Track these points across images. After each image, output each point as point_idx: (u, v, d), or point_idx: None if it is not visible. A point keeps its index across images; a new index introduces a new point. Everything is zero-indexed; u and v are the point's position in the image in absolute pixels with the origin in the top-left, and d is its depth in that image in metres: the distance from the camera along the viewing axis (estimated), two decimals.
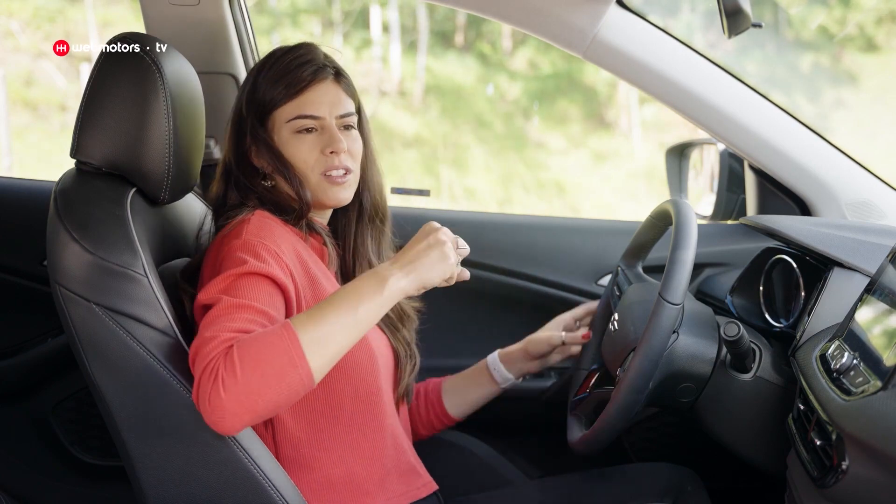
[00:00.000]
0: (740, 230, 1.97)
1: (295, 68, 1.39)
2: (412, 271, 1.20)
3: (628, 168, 8.06)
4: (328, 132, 1.39)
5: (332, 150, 1.38)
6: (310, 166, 1.38)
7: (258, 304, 1.19)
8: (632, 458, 2.02)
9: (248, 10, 2.04)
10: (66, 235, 1.21)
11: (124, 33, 1.33)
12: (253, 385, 1.09)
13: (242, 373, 1.09)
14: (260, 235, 1.27)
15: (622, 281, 1.65)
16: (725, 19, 1.45)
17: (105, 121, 1.28)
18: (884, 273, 1.21)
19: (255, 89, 1.41)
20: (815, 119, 7.51)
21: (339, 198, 1.40)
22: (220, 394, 1.08)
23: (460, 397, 1.67)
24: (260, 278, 1.22)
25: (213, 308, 1.18)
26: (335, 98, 1.40)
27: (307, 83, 1.38)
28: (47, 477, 2.06)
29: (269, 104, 1.39)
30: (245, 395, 1.08)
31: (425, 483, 1.50)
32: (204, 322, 1.18)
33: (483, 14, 1.79)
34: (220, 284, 1.21)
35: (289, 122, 1.38)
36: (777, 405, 1.39)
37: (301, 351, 1.11)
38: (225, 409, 1.09)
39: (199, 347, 1.14)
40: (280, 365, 1.10)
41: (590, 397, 1.54)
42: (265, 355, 1.10)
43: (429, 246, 1.22)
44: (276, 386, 1.10)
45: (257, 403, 1.10)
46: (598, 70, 2.06)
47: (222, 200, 1.42)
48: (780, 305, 1.58)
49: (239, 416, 1.10)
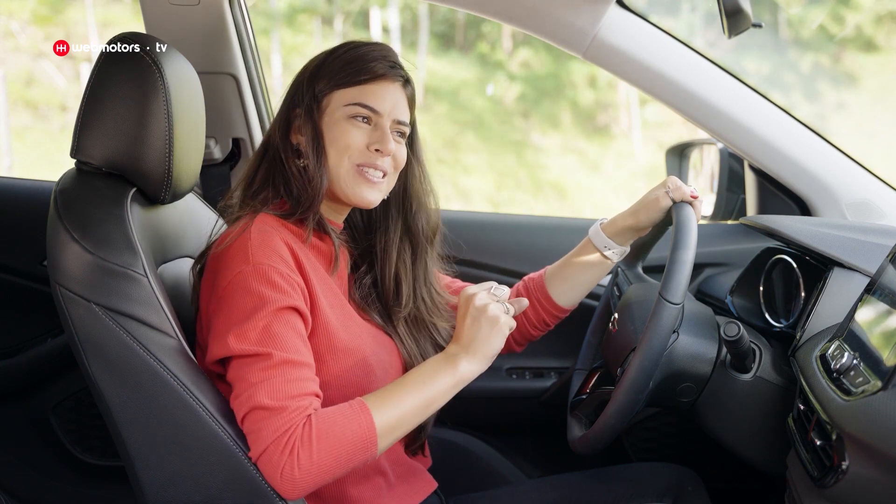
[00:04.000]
0: (740, 230, 1.97)
1: (371, 59, 1.36)
2: (477, 351, 1.27)
3: (629, 168, 8.06)
4: (381, 130, 1.34)
5: (379, 147, 1.33)
6: (349, 153, 1.33)
7: (301, 357, 1.20)
8: (632, 458, 2.02)
9: (248, 10, 2.05)
10: (66, 235, 1.21)
11: (124, 33, 1.32)
12: (326, 465, 1.16)
13: (318, 453, 1.15)
14: (267, 255, 1.24)
15: (622, 281, 1.65)
16: (725, 19, 1.45)
17: (105, 121, 1.28)
18: (884, 273, 1.21)
19: (321, 66, 1.37)
20: (815, 119, 7.51)
21: (366, 198, 1.35)
22: (295, 471, 1.14)
23: (569, 284, 1.56)
24: (287, 314, 1.21)
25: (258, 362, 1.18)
26: (398, 101, 1.37)
27: (378, 75, 1.35)
28: (47, 477, 2.06)
29: (335, 82, 1.35)
30: (318, 473, 1.15)
31: (425, 483, 1.50)
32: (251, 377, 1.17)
33: (483, 14, 1.79)
34: (252, 333, 1.19)
35: (347, 105, 1.34)
36: (777, 405, 1.39)
37: (375, 437, 1.18)
38: (296, 483, 1.15)
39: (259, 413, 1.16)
40: (353, 449, 1.17)
41: (590, 397, 1.54)
42: (341, 438, 1.16)
43: (478, 322, 1.27)
44: (345, 465, 1.17)
45: (325, 478, 1.17)
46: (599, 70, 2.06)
47: (253, 174, 1.38)
48: (780, 305, 1.58)
49: (307, 488, 1.16)
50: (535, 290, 1.58)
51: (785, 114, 1.78)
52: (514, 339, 1.61)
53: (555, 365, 2.02)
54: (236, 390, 1.19)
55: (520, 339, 1.60)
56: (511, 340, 1.60)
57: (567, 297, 1.57)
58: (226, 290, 1.22)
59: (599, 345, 1.65)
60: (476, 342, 1.26)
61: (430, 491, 1.50)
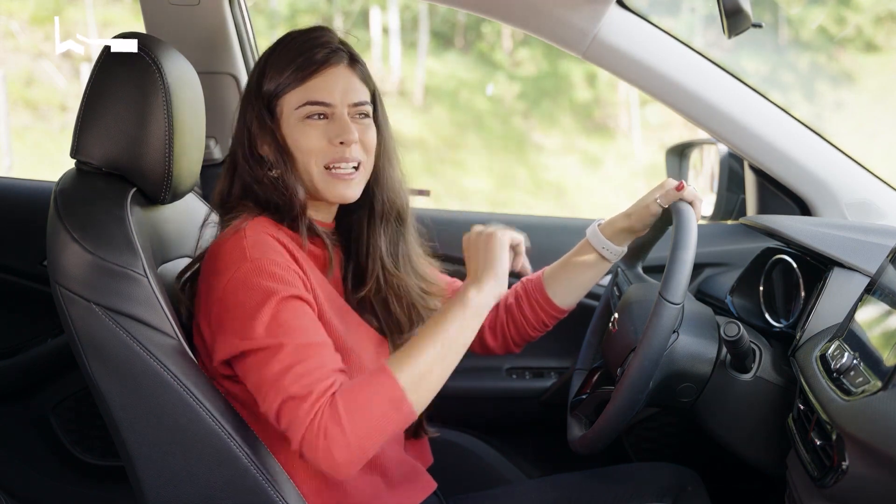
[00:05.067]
0: (740, 230, 1.97)
1: (307, 51, 1.30)
2: (482, 276, 1.26)
3: (629, 168, 8.06)
4: (339, 120, 1.30)
5: (342, 140, 1.29)
6: (314, 156, 1.30)
7: (317, 338, 1.19)
8: (632, 458, 2.02)
9: (248, 11, 2.05)
10: (66, 235, 1.21)
11: (124, 33, 1.32)
12: (361, 435, 1.14)
13: (350, 428, 1.13)
14: (263, 251, 1.22)
15: (622, 281, 1.65)
16: (725, 19, 1.45)
17: (105, 121, 1.28)
18: (884, 273, 1.21)
19: (263, 73, 1.33)
20: (815, 119, 7.51)
21: (343, 194, 1.33)
22: (333, 451, 1.13)
23: (567, 285, 1.55)
24: (293, 303, 1.20)
25: (275, 355, 1.16)
26: (348, 84, 1.32)
27: (318, 67, 1.30)
28: (47, 477, 2.06)
29: (278, 89, 1.31)
30: (356, 447, 1.14)
31: (425, 483, 1.50)
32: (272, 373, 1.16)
33: (483, 14, 1.79)
34: (260, 327, 1.17)
35: (297, 108, 1.30)
36: (777, 405, 1.38)
37: (402, 393, 1.16)
38: (338, 462, 1.14)
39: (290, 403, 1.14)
40: (384, 411, 1.15)
41: (590, 397, 1.54)
42: (368, 404, 1.14)
43: (476, 248, 1.29)
44: (382, 430, 1.15)
45: (368, 448, 1.15)
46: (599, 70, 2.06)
47: (227, 193, 1.35)
48: (780, 305, 1.58)
49: (354, 464, 1.15)
50: (533, 291, 1.57)
51: (785, 114, 1.78)
52: (513, 340, 1.60)
53: (555, 365, 2.02)
54: (262, 393, 1.17)
55: (518, 339, 1.59)
56: (510, 341, 1.60)
57: (565, 297, 1.56)
58: (226, 290, 1.21)
59: (599, 345, 1.65)
60: (479, 267, 1.28)
61: (429, 491, 1.50)
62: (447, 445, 1.88)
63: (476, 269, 1.28)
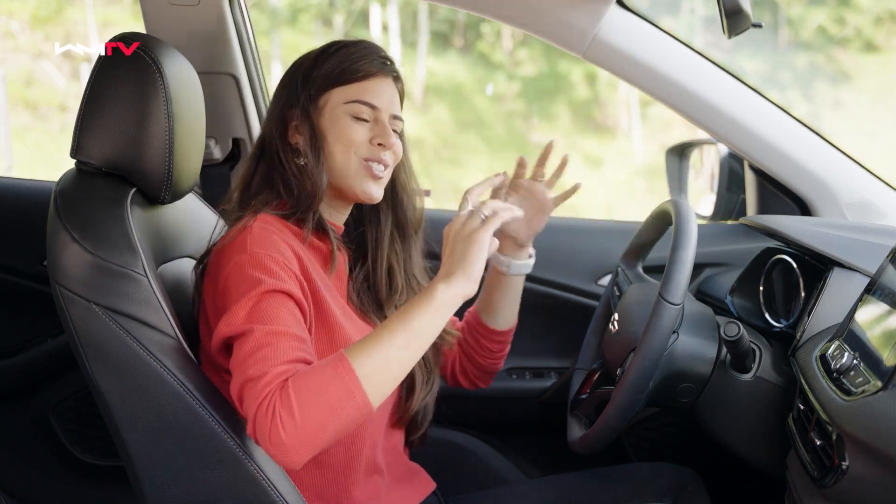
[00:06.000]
0: (740, 230, 1.97)
1: (363, 56, 1.37)
2: (452, 272, 1.19)
3: (629, 167, 8.06)
4: (381, 125, 1.36)
5: (382, 142, 1.35)
6: (354, 149, 1.35)
7: (290, 329, 1.17)
8: (632, 458, 2.02)
9: (248, 10, 2.04)
10: (66, 235, 1.21)
11: (124, 33, 1.33)
12: (312, 421, 1.09)
13: (300, 410, 1.09)
14: (264, 246, 1.24)
15: (622, 281, 1.65)
16: (725, 19, 1.45)
17: (105, 121, 1.28)
18: (884, 273, 1.21)
19: (314, 65, 1.37)
20: (814, 119, 7.50)
21: (372, 192, 1.37)
22: (280, 433, 1.08)
23: (495, 308, 1.58)
24: (278, 296, 1.20)
25: (246, 340, 1.16)
26: (393, 96, 1.39)
27: (374, 72, 1.37)
28: (47, 477, 2.06)
29: (331, 81, 1.36)
30: (305, 431, 1.09)
31: (424, 483, 1.50)
32: (240, 356, 1.15)
33: (483, 14, 1.79)
34: (241, 312, 1.18)
35: (347, 103, 1.35)
36: (777, 405, 1.39)
37: (357, 381, 1.11)
38: (287, 447, 1.09)
39: (247, 385, 1.13)
40: (336, 398, 1.10)
41: (590, 397, 1.54)
42: (321, 389, 1.10)
43: (450, 243, 1.22)
44: (334, 419, 1.10)
45: (318, 437, 1.10)
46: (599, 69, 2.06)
47: (250, 178, 1.38)
48: (780, 305, 1.58)
49: (301, 450, 1.10)
50: (472, 322, 1.60)
51: (785, 114, 1.78)
52: (475, 375, 1.61)
53: (555, 365, 2.02)
54: (232, 376, 1.17)
55: (478, 372, 1.61)
56: (471, 376, 1.61)
57: (498, 319, 1.58)
58: (225, 282, 1.23)
59: (599, 345, 1.65)
60: (453, 263, 1.20)
61: (429, 491, 1.50)
62: (447, 445, 1.88)
63: (450, 264, 1.21)
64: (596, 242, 2.03)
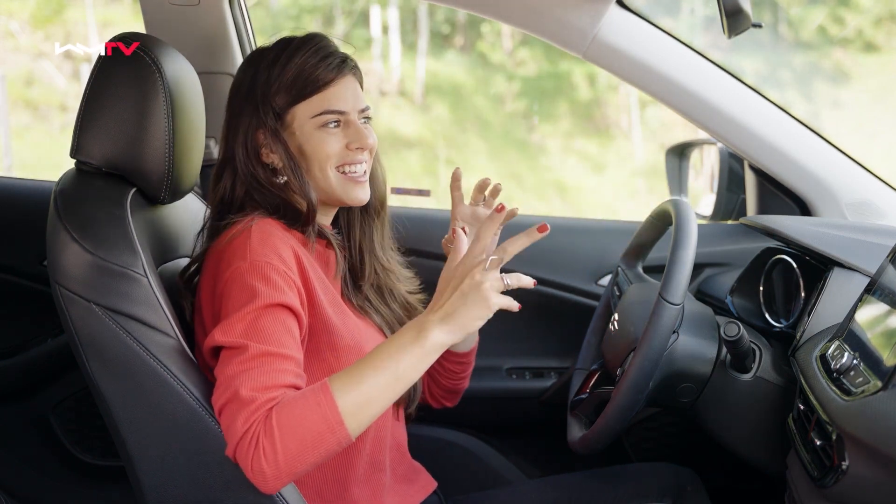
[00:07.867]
0: (740, 230, 1.97)
1: (319, 62, 1.34)
2: (454, 322, 1.14)
3: (629, 168, 8.06)
4: (353, 127, 1.35)
5: (359, 145, 1.34)
6: (331, 163, 1.34)
7: (286, 350, 1.17)
8: (632, 458, 2.02)
9: (248, 10, 2.05)
10: (66, 235, 1.21)
11: (124, 33, 1.33)
12: (291, 452, 1.11)
13: (282, 442, 1.10)
14: (264, 252, 1.23)
15: (622, 281, 1.65)
16: (725, 19, 1.45)
17: (105, 121, 1.28)
18: (884, 273, 1.21)
19: (269, 82, 1.35)
20: (814, 119, 7.50)
21: (359, 197, 1.37)
22: (262, 462, 1.11)
23: None
24: (277, 310, 1.19)
25: (239, 355, 1.16)
26: (356, 92, 1.37)
27: (333, 78, 1.34)
28: (47, 477, 2.06)
29: (292, 97, 1.34)
30: (284, 462, 1.11)
31: (425, 483, 1.50)
32: (230, 370, 1.15)
33: (483, 14, 1.79)
34: (239, 325, 1.17)
35: (314, 117, 1.33)
36: (777, 405, 1.39)
37: (339, 416, 1.12)
38: (266, 475, 1.11)
39: (232, 405, 1.13)
40: (318, 432, 1.11)
41: (590, 397, 1.54)
42: (303, 422, 1.11)
43: (464, 291, 1.14)
44: (314, 451, 1.12)
45: (297, 467, 1.12)
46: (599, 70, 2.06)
47: (230, 194, 1.36)
48: (780, 305, 1.58)
49: (280, 478, 1.12)
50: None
51: (785, 114, 1.78)
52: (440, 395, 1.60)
53: (555, 365, 2.02)
54: (217, 383, 1.17)
55: (441, 392, 1.60)
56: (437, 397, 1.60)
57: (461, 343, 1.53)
58: (224, 288, 1.22)
59: (599, 345, 1.65)
60: (457, 314, 1.14)
61: (429, 491, 1.50)
62: (447, 445, 1.88)
63: (453, 311, 1.14)
64: (596, 242, 2.03)
